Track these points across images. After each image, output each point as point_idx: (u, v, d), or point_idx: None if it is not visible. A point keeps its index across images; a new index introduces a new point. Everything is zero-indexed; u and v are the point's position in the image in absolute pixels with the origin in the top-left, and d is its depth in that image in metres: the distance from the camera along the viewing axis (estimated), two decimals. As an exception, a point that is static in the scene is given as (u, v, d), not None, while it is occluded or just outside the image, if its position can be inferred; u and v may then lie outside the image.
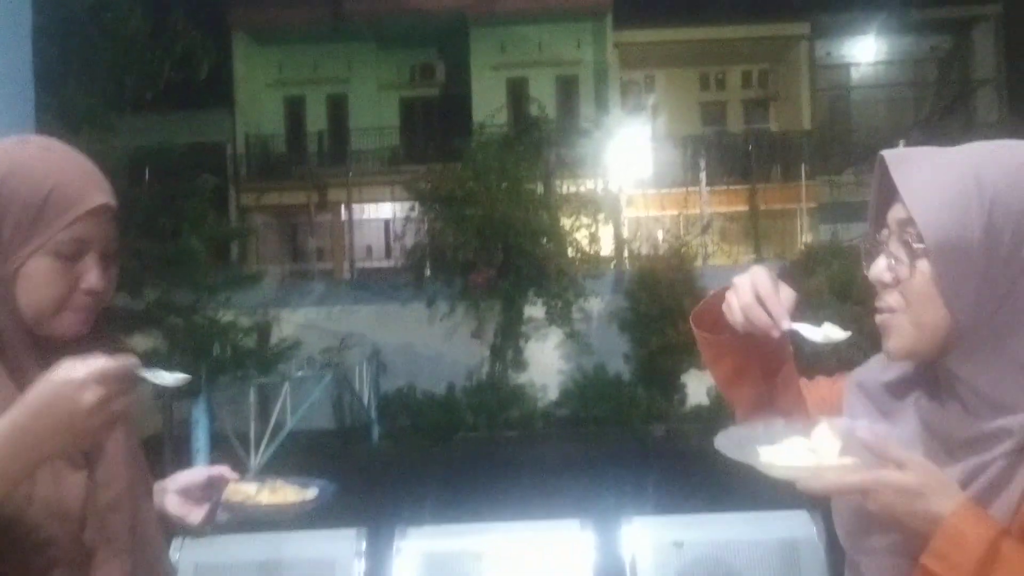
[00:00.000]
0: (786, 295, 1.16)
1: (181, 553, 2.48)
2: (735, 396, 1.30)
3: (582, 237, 13.63)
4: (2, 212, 1.06)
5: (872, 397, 1.16)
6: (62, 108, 5.33)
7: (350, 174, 18.10)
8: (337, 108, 21.37)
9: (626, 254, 14.62)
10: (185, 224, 6.22)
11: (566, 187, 14.06)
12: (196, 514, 1.41)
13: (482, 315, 12.75)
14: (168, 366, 3.82)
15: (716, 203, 17.68)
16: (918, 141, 13.28)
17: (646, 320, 12.19)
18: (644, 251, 14.37)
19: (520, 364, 12.96)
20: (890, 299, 1.07)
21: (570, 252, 13.29)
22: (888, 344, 1.09)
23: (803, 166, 17.93)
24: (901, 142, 14.01)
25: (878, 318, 1.10)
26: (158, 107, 6.96)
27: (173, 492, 1.42)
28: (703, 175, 17.16)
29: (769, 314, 1.13)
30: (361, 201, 19.14)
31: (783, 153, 19.30)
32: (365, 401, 12.35)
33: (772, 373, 1.28)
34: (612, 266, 14.36)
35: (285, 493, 1.44)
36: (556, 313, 12.74)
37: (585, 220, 13.72)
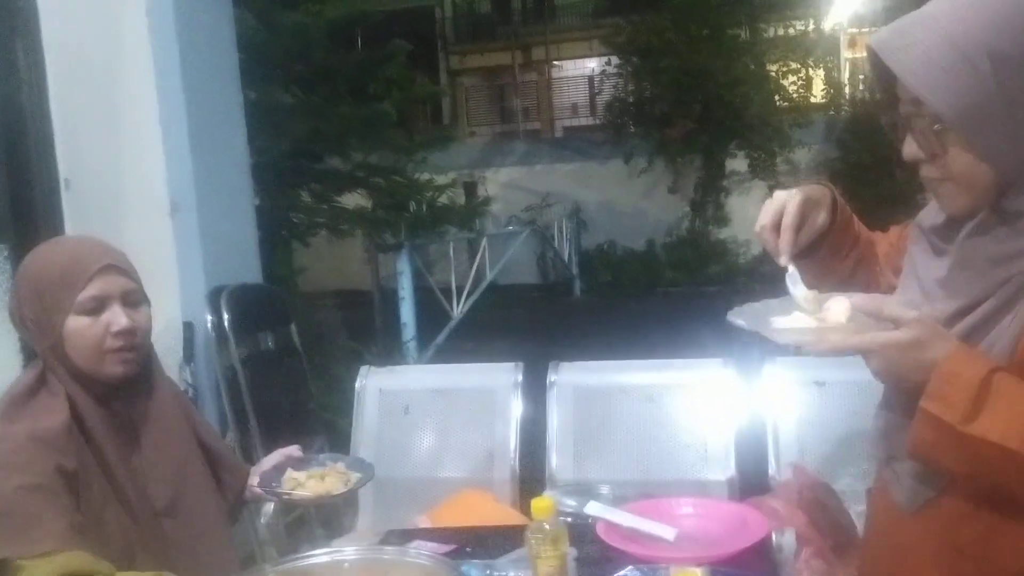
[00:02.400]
0: (810, 226, 1.19)
1: (367, 380, 2.84)
2: (829, 284, 1.30)
3: (790, 84, 12.83)
4: (40, 294, 1.38)
5: (928, 237, 1.17)
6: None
7: (548, 31, 17.87)
8: (538, -36, 20.93)
9: (842, 100, 13.63)
10: (380, 88, 6.61)
11: (774, 30, 13.16)
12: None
13: (680, 170, 12.52)
14: (374, 223, 4.23)
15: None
16: None
17: (858, 170, 11.47)
18: (863, 96, 13.32)
19: (721, 219, 12.73)
20: (931, 172, 1.08)
21: (777, 100, 12.60)
22: (946, 210, 1.10)
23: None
24: None
25: (928, 189, 1.10)
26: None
27: (256, 474, 1.71)
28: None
29: (766, 245, 1.19)
30: (563, 58, 18.98)
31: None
32: (566, 257, 12.70)
33: (846, 256, 1.31)
34: (824, 114, 13.44)
35: (331, 482, 1.60)
36: (759, 165, 12.27)
37: (794, 65, 12.87)
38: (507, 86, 20.61)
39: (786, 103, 12.73)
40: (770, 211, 1.21)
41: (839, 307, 1.08)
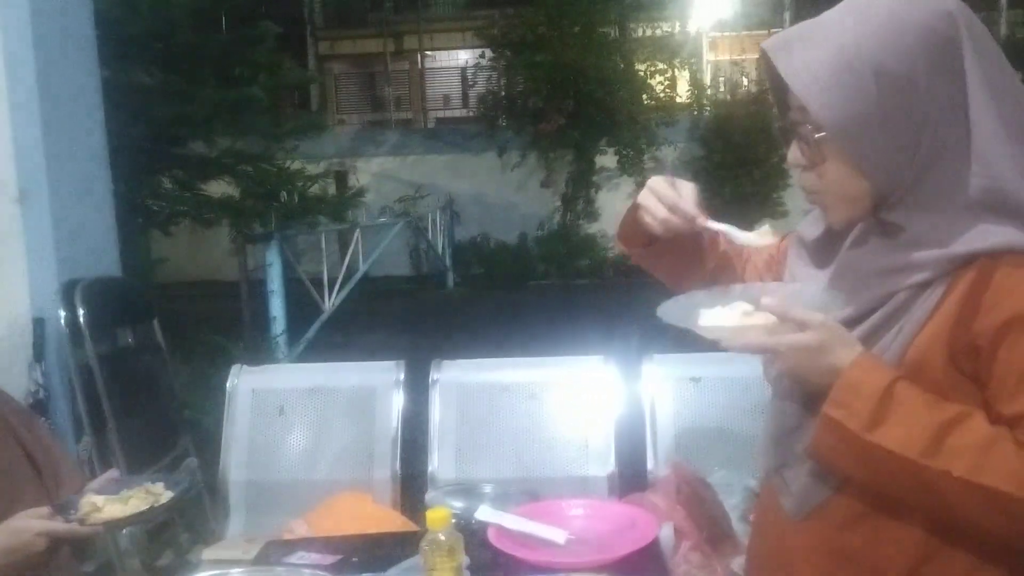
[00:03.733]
0: (687, 191, 1.21)
1: (239, 379, 2.71)
2: (684, 288, 1.32)
3: (657, 83, 13.22)
4: None
5: (809, 249, 1.20)
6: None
7: (420, 20, 17.72)
8: (410, -50, 20.70)
9: (704, 100, 14.16)
10: (248, 72, 6.35)
11: (642, 30, 13.52)
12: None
13: (552, 164, 12.69)
14: (242, 212, 4.04)
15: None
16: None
17: (720, 168, 11.96)
18: (724, 97, 13.89)
19: (591, 214, 12.98)
20: (809, 181, 1.11)
21: (644, 99, 12.95)
22: (825, 219, 1.13)
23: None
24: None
25: (806, 198, 1.13)
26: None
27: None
28: (788, 15, 16.21)
29: (684, 216, 1.19)
30: (436, 49, 18.84)
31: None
32: (440, 249, 12.65)
33: (706, 260, 1.33)
34: (688, 113, 13.94)
35: (133, 504, 1.46)
36: (628, 162, 12.59)
37: (661, 65, 13.26)
38: (378, 74, 20.27)
39: (653, 102, 13.10)
40: (653, 203, 1.22)
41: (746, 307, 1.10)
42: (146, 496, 1.44)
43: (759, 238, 1.20)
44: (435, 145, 14.10)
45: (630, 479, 2.49)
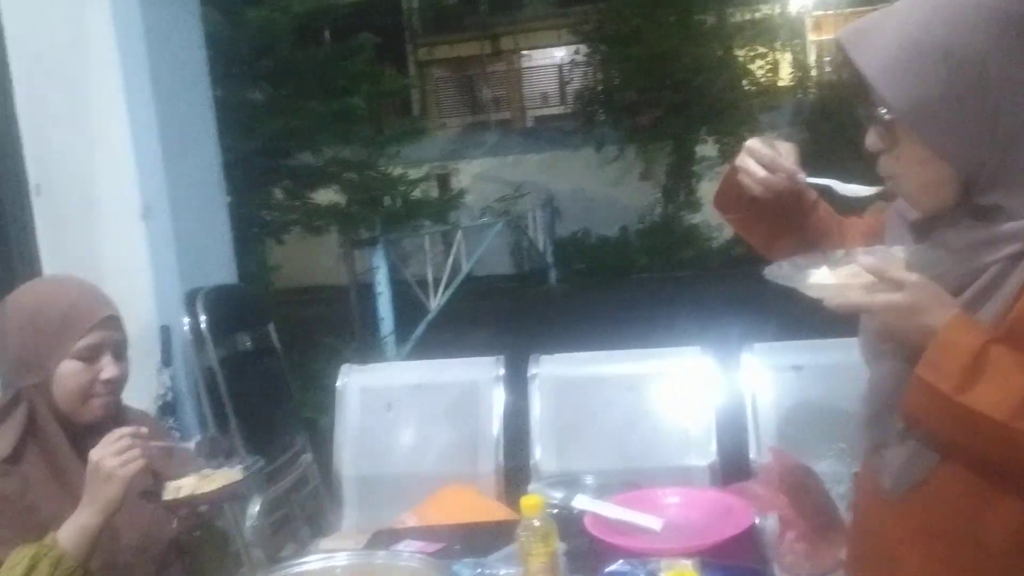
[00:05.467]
0: (786, 149, 1.23)
1: (349, 378, 2.83)
2: (777, 256, 1.33)
3: (758, 68, 12.91)
4: (37, 334, 1.43)
5: (908, 225, 1.19)
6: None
7: (516, 21, 17.84)
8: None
9: (808, 83, 13.75)
10: (349, 83, 6.58)
11: (740, 15, 13.23)
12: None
13: (651, 157, 12.57)
14: (348, 218, 4.19)
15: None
16: None
17: (826, 152, 11.56)
18: (830, 78, 13.44)
19: (693, 204, 12.80)
20: (887, 166, 1.11)
21: (745, 85, 12.67)
22: (912, 206, 1.14)
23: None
24: None
25: (886, 186, 1.14)
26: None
27: None
28: (898, -12, 15.53)
29: (784, 173, 1.21)
30: (531, 48, 18.94)
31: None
32: (541, 246, 12.73)
33: (804, 224, 1.34)
34: (792, 97, 13.55)
35: (215, 479, 1.51)
36: (729, 150, 12.33)
37: (761, 49, 12.95)
38: (476, 77, 20.52)
39: (754, 87, 12.82)
40: (752, 165, 1.25)
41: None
42: (223, 477, 1.52)
43: (864, 189, 1.20)
44: (534, 144, 14.20)
45: (731, 469, 2.49)
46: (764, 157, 1.22)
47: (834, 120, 11.54)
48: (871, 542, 1.23)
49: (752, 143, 1.25)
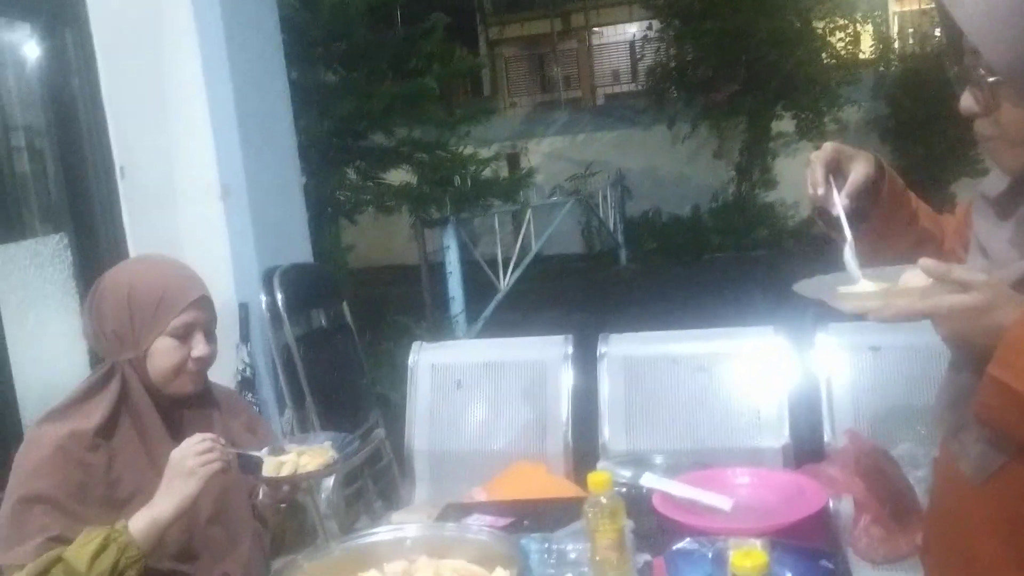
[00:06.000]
0: (852, 174, 1.20)
1: (420, 355, 2.87)
2: (884, 258, 1.28)
3: (837, 40, 12.50)
4: (133, 312, 1.49)
5: (991, 203, 1.15)
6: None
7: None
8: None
9: (891, 55, 13.25)
10: (421, 63, 6.62)
11: (819, -15, 12.82)
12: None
13: (725, 134, 12.32)
14: (419, 198, 4.23)
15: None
16: None
17: (910, 127, 11.18)
18: (913, 50, 12.95)
19: (768, 182, 12.51)
20: (984, 128, 1.07)
21: (824, 58, 12.29)
22: (1000, 168, 1.10)
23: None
24: None
25: (980, 147, 1.09)
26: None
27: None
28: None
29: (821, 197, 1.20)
30: (602, 24, 18.74)
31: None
32: (611, 226, 12.64)
33: (903, 232, 1.30)
34: (873, 70, 13.10)
35: (311, 456, 1.55)
36: (807, 126, 12.01)
37: (841, 21, 12.53)
38: (547, 55, 20.41)
39: (833, 61, 12.41)
40: (813, 176, 1.23)
41: (917, 277, 1.08)
42: (320, 455, 1.56)
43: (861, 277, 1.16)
44: (604, 122, 14.06)
45: (805, 451, 2.45)
46: (815, 173, 1.21)
47: (918, 94, 11.12)
48: (949, 528, 1.20)
49: (815, 156, 1.23)
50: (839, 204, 1.20)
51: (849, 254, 1.17)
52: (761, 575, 1.03)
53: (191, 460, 1.40)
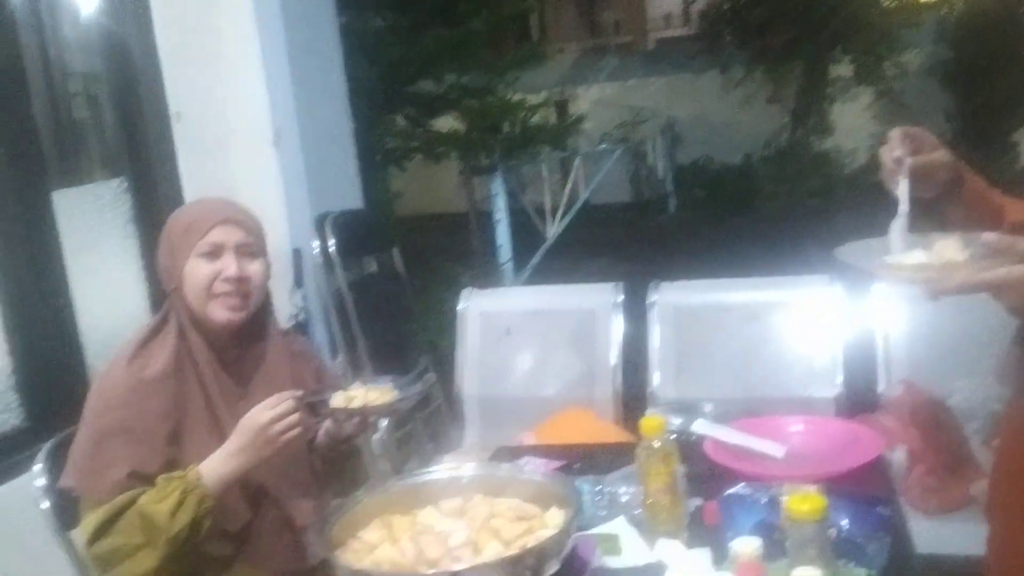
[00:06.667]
0: (936, 154, 1.20)
1: (469, 302, 2.89)
2: None
3: (900, -20, 12.02)
4: (170, 240, 1.54)
5: None
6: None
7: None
8: None
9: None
10: (470, 8, 6.53)
11: (881, -77, 12.30)
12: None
13: (780, 78, 11.98)
14: (468, 145, 4.21)
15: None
16: None
17: (972, 72, 10.75)
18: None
19: (824, 129, 12.16)
20: None
21: (883, 1, 11.84)
22: None
23: None
24: None
25: None
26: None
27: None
28: None
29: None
30: (654, -35, 18.26)
31: None
32: (660, 174, 12.47)
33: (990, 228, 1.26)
34: (936, 12, 12.57)
35: (379, 393, 1.54)
36: (866, 70, 11.61)
37: (904, -40, 12.03)
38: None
39: (894, 3, 11.95)
40: (888, 154, 1.21)
41: (953, 246, 1.05)
42: (385, 393, 1.57)
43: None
44: (655, 67, 13.78)
45: (858, 401, 2.42)
46: (886, 152, 1.20)
47: (981, 36, 10.68)
48: (1016, 486, 1.18)
49: (893, 134, 1.22)
50: (906, 169, 1.17)
51: (898, 225, 1.14)
52: (819, 519, 1.03)
53: (272, 428, 1.41)
